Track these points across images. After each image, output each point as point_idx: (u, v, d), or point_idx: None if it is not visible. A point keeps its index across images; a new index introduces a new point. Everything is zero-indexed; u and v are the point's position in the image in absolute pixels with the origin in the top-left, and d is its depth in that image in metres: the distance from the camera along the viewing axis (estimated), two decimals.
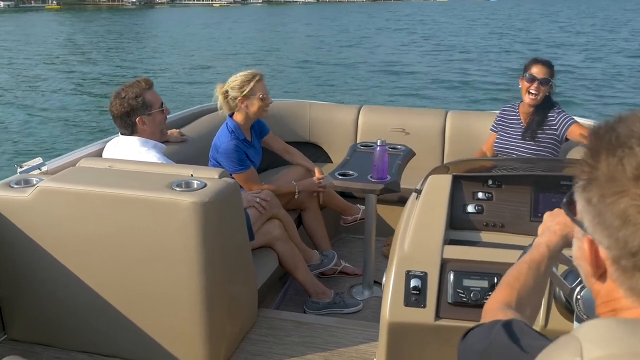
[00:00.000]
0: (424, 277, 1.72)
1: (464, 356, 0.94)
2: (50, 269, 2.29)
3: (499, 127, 3.51)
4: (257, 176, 3.25)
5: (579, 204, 0.75)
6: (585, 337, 0.65)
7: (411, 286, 1.71)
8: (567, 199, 0.82)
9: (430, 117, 4.10)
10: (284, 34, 38.83)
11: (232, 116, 3.21)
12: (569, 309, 1.54)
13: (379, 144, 2.89)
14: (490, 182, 2.03)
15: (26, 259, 2.32)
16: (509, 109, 3.53)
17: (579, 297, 1.44)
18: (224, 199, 2.21)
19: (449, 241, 1.86)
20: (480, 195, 2.02)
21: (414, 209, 1.95)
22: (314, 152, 4.23)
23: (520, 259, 1.23)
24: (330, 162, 4.20)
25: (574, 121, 3.26)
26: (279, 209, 3.10)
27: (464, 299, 1.69)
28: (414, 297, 1.71)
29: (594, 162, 0.71)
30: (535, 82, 3.25)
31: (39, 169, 2.66)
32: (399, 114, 4.27)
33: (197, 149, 3.40)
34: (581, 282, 1.44)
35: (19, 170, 2.61)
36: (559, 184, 1.99)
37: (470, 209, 2.01)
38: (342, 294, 3.12)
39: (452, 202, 2.00)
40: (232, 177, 2.48)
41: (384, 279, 1.80)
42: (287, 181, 3.34)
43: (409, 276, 1.72)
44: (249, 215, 2.84)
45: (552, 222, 1.24)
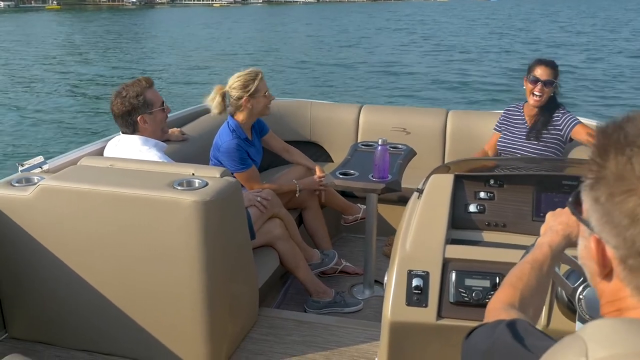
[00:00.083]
0: (425, 277, 1.72)
1: (467, 356, 0.94)
2: (51, 268, 2.29)
3: (503, 127, 3.51)
4: (258, 175, 3.25)
5: (585, 202, 0.75)
6: (590, 338, 0.65)
7: (413, 285, 1.71)
8: (574, 198, 0.82)
9: (431, 117, 4.09)
10: (284, 34, 38.72)
11: (233, 115, 3.21)
12: (571, 309, 1.54)
13: (380, 143, 2.89)
14: (492, 181, 2.03)
15: (27, 258, 2.32)
16: (513, 109, 3.52)
17: (581, 297, 1.44)
18: (225, 198, 2.20)
19: (450, 241, 1.86)
20: (482, 194, 2.02)
21: (415, 208, 1.94)
22: (314, 151, 4.22)
23: (522, 258, 1.23)
24: (331, 161, 4.20)
25: (578, 122, 3.25)
26: (280, 208, 3.10)
27: (466, 299, 1.68)
28: (416, 296, 1.70)
29: (602, 161, 0.71)
30: (538, 84, 3.25)
31: (40, 167, 2.66)
32: (399, 113, 4.27)
33: (198, 148, 3.40)
34: (583, 282, 1.45)
35: (20, 168, 2.60)
36: (561, 184, 1.99)
37: (472, 208, 2.01)
38: (342, 293, 3.12)
39: (454, 201, 2.00)
40: (234, 176, 2.48)
41: (386, 278, 1.80)
42: (288, 180, 3.34)
43: (411, 275, 1.72)
44: (250, 214, 2.84)
45: (555, 222, 1.24)
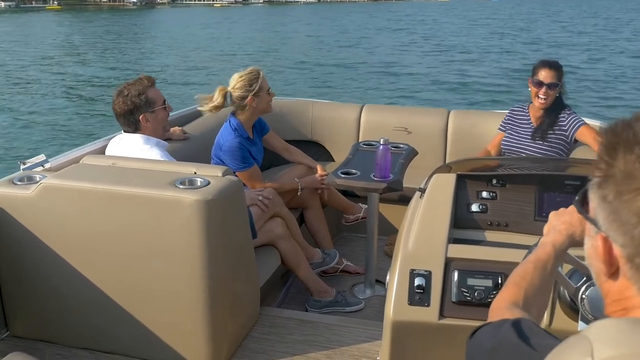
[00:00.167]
0: (428, 276, 1.72)
1: (472, 354, 0.93)
2: (53, 266, 2.29)
3: (508, 127, 3.50)
4: (260, 174, 3.25)
5: (593, 201, 0.75)
6: (595, 337, 0.65)
7: (415, 285, 1.71)
8: (580, 196, 0.82)
9: (432, 116, 4.09)
10: (284, 34, 38.63)
11: (235, 114, 3.21)
12: (574, 309, 1.54)
13: (382, 142, 2.88)
14: (494, 181, 2.03)
15: (29, 256, 2.32)
16: (518, 109, 3.52)
17: (584, 296, 1.44)
18: (227, 197, 2.20)
19: (453, 240, 1.86)
20: (484, 194, 2.02)
21: (418, 207, 1.94)
22: (316, 150, 4.22)
23: (525, 258, 1.23)
24: (332, 160, 4.20)
25: (583, 123, 3.25)
26: (282, 207, 3.09)
27: (468, 298, 1.68)
28: (418, 295, 1.70)
29: (610, 159, 0.70)
30: (543, 87, 3.24)
31: (42, 165, 2.66)
32: (401, 113, 4.27)
33: (199, 146, 3.39)
34: (586, 281, 1.45)
35: (22, 167, 2.60)
36: (563, 184, 1.99)
37: (474, 208, 2.01)
38: (344, 293, 3.12)
39: (456, 201, 2.00)
40: (236, 175, 2.48)
41: (388, 277, 1.80)
42: (289, 179, 3.34)
43: (413, 275, 1.72)
44: (252, 213, 2.83)
45: (558, 222, 1.23)
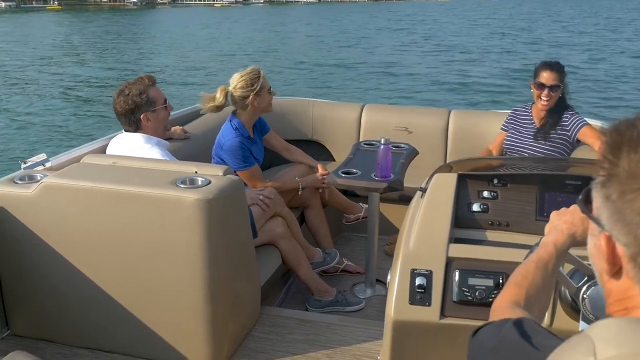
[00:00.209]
0: (429, 276, 1.72)
1: (474, 354, 0.93)
2: (54, 265, 2.29)
3: (510, 126, 3.49)
4: (261, 173, 3.25)
5: (596, 200, 0.74)
6: (598, 337, 0.65)
7: (416, 284, 1.71)
8: (584, 195, 0.82)
9: (433, 116, 4.09)
10: (284, 34, 38.56)
11: (236, 114, 3.21)
12: (575, 309, 1.54)
13: (382, 142, 2.88)
14: (495, 181, 2.03)
15: (30, 255, 2.32)
16: (521, 109, 3.51)
17: (585, 296, 1.44)
18: (228, 196, 2.20)
19: (454, 240, 1.86)
20: (485, 194, 2.02)
21: (419, 207, 1.94)
22: (316, 150, 4.22)
23: (527, 258, 1.23)
24: (333, 160, 4.20)
25: (585, 123, 3.25)
26: (282, 206, 3.09)
27: (469, 298, 1.68)
28: (419, 295, 1.70)
29: (614, 158, 0.70)
30: (545, 90, 3.24)
31: (43, 164, 2.66)
32: (401, 112, 4.27)
33: (200, 146, 3.40)
34: (587, 281, 1.44)
35: (23, 166, 2.60)
36: (564, 184, 1.99)
37: (475, 207, 2.01)
38: (344, 292, 3.12)
39: (458, 200, 2.00)
40: (237, 174, 2.48)
41: (389, 277, 1.80)
42: (290, 178, 3.34)
43: (414, 274, 1.72)
44: (252, 212, 2.83)
45: (559, 221, 1.23)
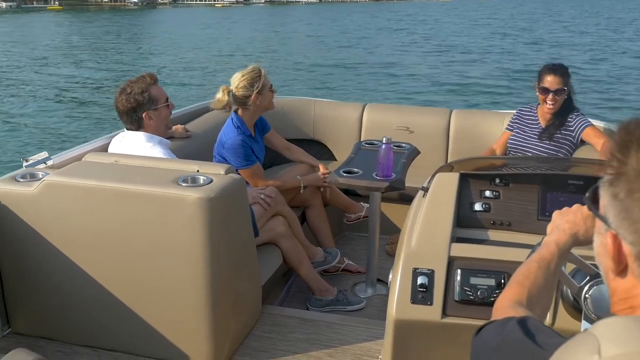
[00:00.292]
0: (431, 275, 1.72)
1: (477, 352, 0.93)
2: (55, 263, 2.29)
3: (515, 126, 3.49)
4: (262, 172, 3.25)
5: (604, 198, 0.74)
6: (602, 335, 0.65)
7: (418, 283, 1.71)
8: (591, 193, 0.82)
9: (434, 116, 4.09)
10: (284, 34, 38.46)
11: (237, 112, 3.21)
12: (577, 308, 1.54)
13: (384, 142, 2.88)
14: (497, 180, 2.03)
15: (31, 253, 2.32)
16: (526, 110, 3.51)
17: (587, 295, 1.44)
18: (230, 195, 2.20)
19: (456, 239, 1.85)
20: (487, 193, 2.02)
21: (420, 206, 1.94)
22: (318, 149, 4.22)
23: (529, 257, 1.23)
24: (334, 159, 4.19)
25: (589, 124, 3.25)
26: (284, 205, 3.10)
27: (471, 297, 1.68)
28: (421, 294, 1.70)
29: (623, 157, 0.70)
30: (549, 94, 3.24)
31: (45, 163, 2.66)
32: (403, 112, 4.27)
33: (201, 144, 3.40)
34: (589, 281, 1.44)
35: (25, 164, 2.60)
36: (566, 183, 1.99)
37: (477, 207, 2.00)
38: (345, 292, 3.12)
39: (459, 200, 1.99)
40: (238, 173, 2.48)
41: (391, 276, 1.80)
42: (292, 177, 3.35)
43: (416, 273, 1.72)
44: (254, 211, 2.83)
45: (562, 221, 1.23)
